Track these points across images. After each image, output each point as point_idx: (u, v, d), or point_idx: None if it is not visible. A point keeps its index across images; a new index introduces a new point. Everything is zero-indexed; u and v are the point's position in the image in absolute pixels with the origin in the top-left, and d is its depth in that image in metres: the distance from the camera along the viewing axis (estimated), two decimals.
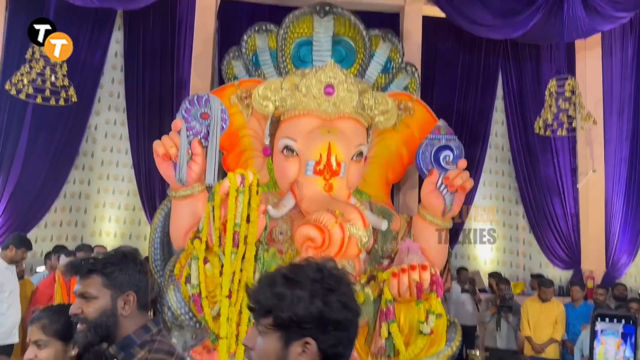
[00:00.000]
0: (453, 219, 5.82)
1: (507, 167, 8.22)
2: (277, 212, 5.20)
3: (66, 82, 6.26)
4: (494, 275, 7.26)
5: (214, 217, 4.35)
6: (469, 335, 6.17)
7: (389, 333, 4.66)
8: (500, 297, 6.12)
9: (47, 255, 6.60)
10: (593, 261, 7.78)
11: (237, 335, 4.27)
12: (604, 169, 7.90)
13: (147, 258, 6.39)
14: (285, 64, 6.26)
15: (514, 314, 6.22)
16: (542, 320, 6.05)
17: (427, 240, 5.56)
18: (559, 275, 8.01)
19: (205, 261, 4.39)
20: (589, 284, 7.44)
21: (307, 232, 4.77)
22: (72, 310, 1.79)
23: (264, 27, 6.27)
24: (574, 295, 6.44)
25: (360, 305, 1.33)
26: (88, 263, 1.82)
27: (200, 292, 4.32)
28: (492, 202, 8.14)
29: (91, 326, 1.76)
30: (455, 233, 7.32)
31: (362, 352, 4.95)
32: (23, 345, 5.94)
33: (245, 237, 4.37)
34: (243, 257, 4.37)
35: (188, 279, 4.40)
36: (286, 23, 6.20)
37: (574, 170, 8.02)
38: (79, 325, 1.78)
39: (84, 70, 7.30)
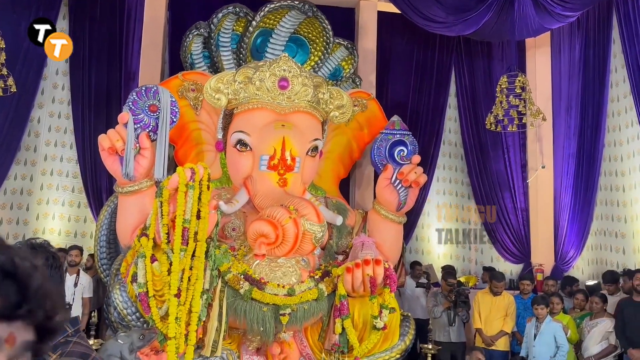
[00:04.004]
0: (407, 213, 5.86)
1: (460, 163, 8.33)
2: (229, 207, 5.07)
3: (4, 72, 5.92)
4: (444, 268, 7.34)
5: (161, 213, 4.19)
6: (423, 329, 6.20)
7: (343, 329, 4.62)
8: (456, 292, 6.15)
9: None
10: (542, 255, 7.98)
11: (186, 336, 4.14)
12: (553, 165, 8.12)
13: (92, 255, 6.16)
14: (245, 50, 6.21)
15: (466, 307, 6.29)
16: (493, 313, 6.14)
17: (381, 235, 5.56)
18: (509, 269, 8.18)
19: (153, 259, 4.23)
20: (539, 276, 7.63)
21: (260, 227, 4.68)
22: None
23: (238, 10, 6.18)
24: (523, 289, 6.58)
25: None
26: None
27: (147, 291, 4.16)
28: (445, 197, 8.23)
29: None
30: (409, 228, 7.37)
31: (316, 348, 4.89)
32: None
33: (196, 233, 4.23)
34: (193, 255, 4.23)
35: (134, 278, 4.23)
36: (264, 12, 6.14)
37: (524, 166, 8.21)
38: None
39: (26, 60, 6.94)
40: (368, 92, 6.67)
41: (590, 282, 7.08)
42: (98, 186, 6.88)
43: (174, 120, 5.11)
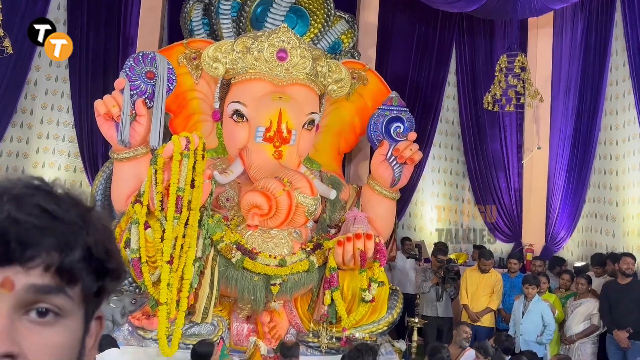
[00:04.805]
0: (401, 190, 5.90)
1: (456, 142, 8.34)
2: (224, 178, 5.10)
3: (1, 33, 5.86)
4: (436, 244, 7.42)
5: (156, 180, 4.23)
6: (411, 304, 6.31)
7: (332, 300, 4.71)
8: (444, 268, 6.23)
9: None
10: (533, 235, 8.06)
11: (177, 302, 4.22)
12: (549, 146, 8.14)
13: None
14: (245, 19, 6.15)
15: (454, 284, 6.40)
16: (480, 290, 6.24)
17: (374, 210, 5.61)
18: (500, 247, 8.28)
19: (147, 226, 4.29)
20: (528, 256, 7.72)
21: (254, 198, 4.72)
22: None
23: None
24: (510, 267, 6.67)
25: None
26: None
27: (140, 257, 4.23)
28: (440, 175, 8.27)
29: None
30: (403, 204, 7.42)
31: (305, 318, 5.00)
32: None
33: (189, 202, 4.29)
34: (186, 223, 4.29)
35: (127, 244, 4.29)
36: None
37: (519, 146, 8.22)
38: None
39: (24, 22, 6.84)
40: (363, 63, 6.61)
41: (579, 264, 7.18)
42: (94, 151, 6.89)
43: (171, 88, 5.10)
